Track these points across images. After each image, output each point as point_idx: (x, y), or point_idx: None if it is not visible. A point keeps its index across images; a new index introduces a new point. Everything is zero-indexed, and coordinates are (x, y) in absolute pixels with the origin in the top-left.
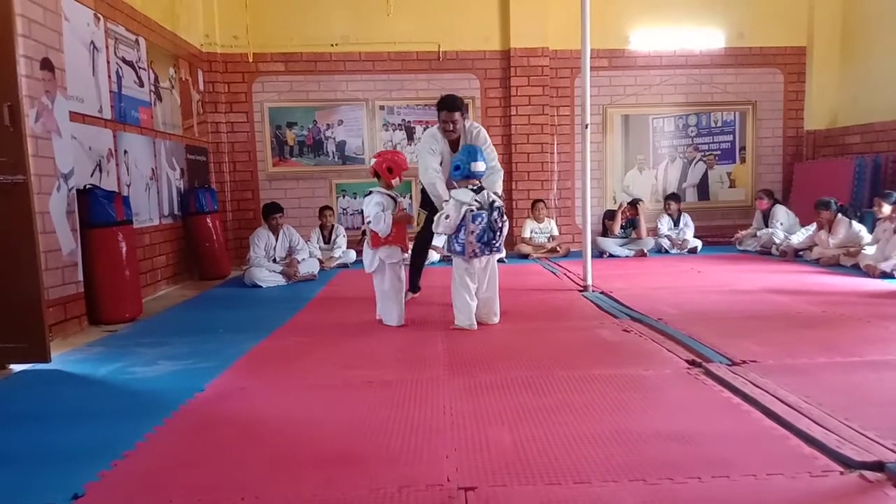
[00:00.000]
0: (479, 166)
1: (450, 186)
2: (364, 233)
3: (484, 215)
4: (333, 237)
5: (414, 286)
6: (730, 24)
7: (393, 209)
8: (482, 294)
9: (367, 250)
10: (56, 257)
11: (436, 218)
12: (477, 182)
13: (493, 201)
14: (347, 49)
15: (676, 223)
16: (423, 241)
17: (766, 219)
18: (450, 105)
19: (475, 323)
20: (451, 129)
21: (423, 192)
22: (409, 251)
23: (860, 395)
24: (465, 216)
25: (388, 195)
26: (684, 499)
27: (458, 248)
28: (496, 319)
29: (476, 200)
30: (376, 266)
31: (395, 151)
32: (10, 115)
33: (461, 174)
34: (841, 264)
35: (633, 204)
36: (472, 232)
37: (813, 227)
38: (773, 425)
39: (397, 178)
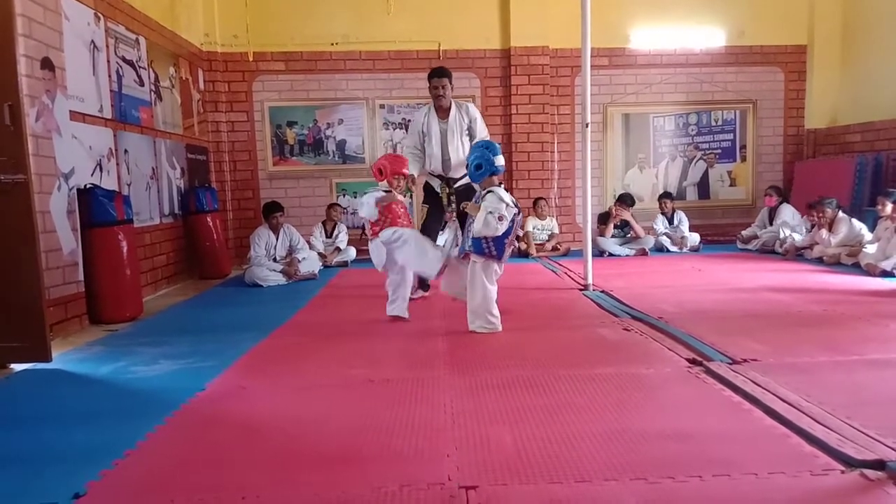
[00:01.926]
0: (501, 160)
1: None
2: (363, 229)
3: (520, 215)
4: (336, 233)
5: (424, 284)
6: (730, 22)
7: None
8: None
9: (371, 246)
10: (57, 257)
11: (480, 218)
12: (500, 179)
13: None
14: (348, 48)
15: (671, 221)
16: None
17: (772, 217)
18: (438, 72)
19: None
20: (442, 94)
21: (426, 188)
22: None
23: (861, 393)
24: (513, 220)
25: (383, 191)
26: (685, 498)
27: (496, 251)
28: None
29: (511, 200)
30: (384, 257)
31: (394, 155)
32: (10, 114)
33: (485, 173)
34: (841, 263)
35: (621, 200)
36: (514, 233)
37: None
38: (774, 424)
39: (387, 181)
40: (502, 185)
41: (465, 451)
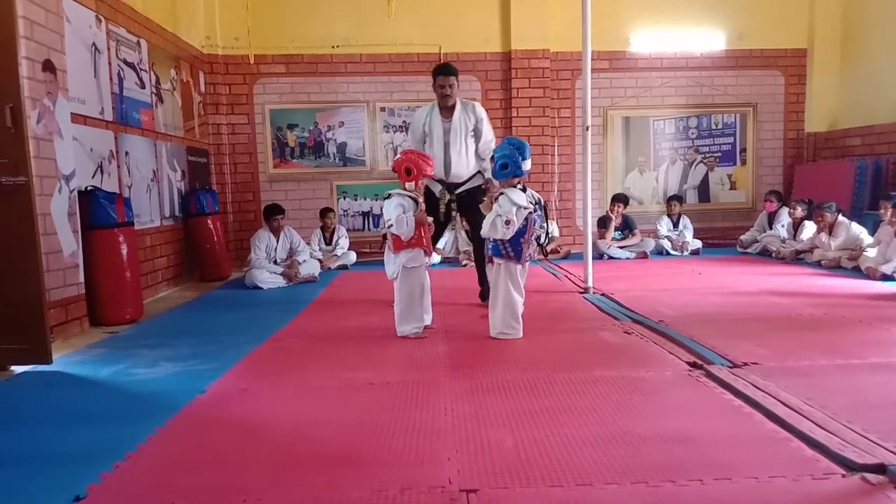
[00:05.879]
0: (528, 164)
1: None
2: (385, 237)
3: (538, 217)
4: (336, 238)
5: None
6: (730, 26)
7: (414, 210)
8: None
9: (388, 255)
10: (57, 259)
11: (489, 219)
12: (521, 180)
13: (538, 199)
14: (348, 51)
15: (676, 225)
16: None
17: (771, 221)
18: (445, 70)
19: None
20: (448, 93)
21: (425, 193)
22: (433, 254)
23: (862, 397)
24: (527, 219)
25: (409, 197)
26: (686, 501)
27: (513, 253)
28: None
29: (529, 202)
30: (399, 272)
31: (422, 154)
32: (11, 116)
33: (510, 173)
34: (842, 266)
35: (616, 200)
36: (533, 235)
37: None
38: (775, 428)
39: (414, 182)
40: (521, 185)
41: (466, 454)
